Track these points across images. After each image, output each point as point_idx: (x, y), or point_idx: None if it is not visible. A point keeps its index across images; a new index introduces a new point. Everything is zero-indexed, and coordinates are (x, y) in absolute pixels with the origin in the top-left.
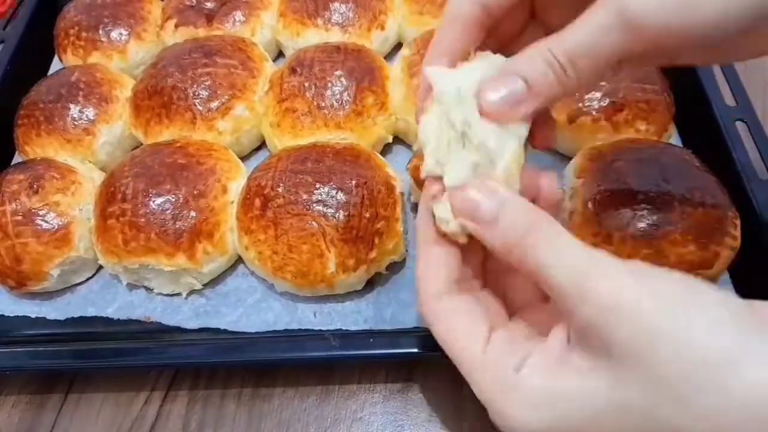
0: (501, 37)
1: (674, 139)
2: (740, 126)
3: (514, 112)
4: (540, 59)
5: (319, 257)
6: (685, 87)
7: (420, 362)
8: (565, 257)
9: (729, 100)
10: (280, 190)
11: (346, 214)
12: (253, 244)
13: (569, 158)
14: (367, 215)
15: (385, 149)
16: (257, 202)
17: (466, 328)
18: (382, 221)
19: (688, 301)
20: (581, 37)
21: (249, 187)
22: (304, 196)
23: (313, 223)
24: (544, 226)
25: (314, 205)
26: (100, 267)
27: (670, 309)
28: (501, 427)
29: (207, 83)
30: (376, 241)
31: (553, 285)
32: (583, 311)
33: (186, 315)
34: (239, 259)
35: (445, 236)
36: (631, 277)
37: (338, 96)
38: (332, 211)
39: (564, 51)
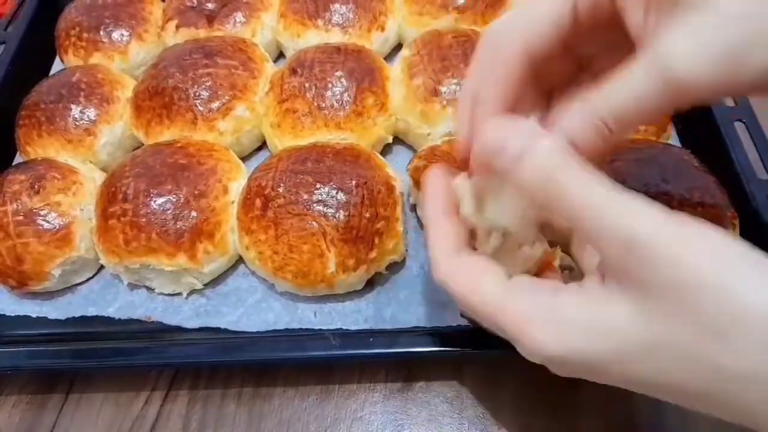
0: (545, 88)
1: (673, 139)
2: (739, 126)
3: None
4: (584, 119)
5: (319, 257)
6: None
7: (420, 362)
8: (599, 198)
9: (728, 100)
10: (280, 190)
11: (346, 214)
12: (254, 244)
13: None
14: (367, 215)
15: (385, 149)
16: (258, 202)
17: (488, 271)
18: (382, 221)
19: (726, 244)
20: (625, 97)
21: (249, 188)
22: (305, 196)
23: (314, 223)
24: (574, 166)
25: (314, 205)
26: (101, 267)
27: (712, 251)
28: (530, 356)
29: (208, 84)
30: (376, 241)
31: (589, 227)
32: (622, 251)
33: (187, 315)
34: (240, 259)
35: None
36: (669, 221)
37: (338, 96)
38: (332, 211)
39: (609, 111)
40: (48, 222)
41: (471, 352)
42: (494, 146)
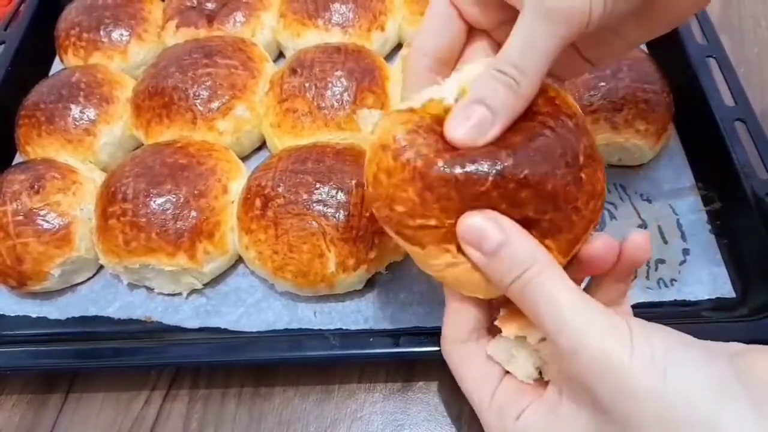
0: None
1: (673, 138)
2: (739, 126)
3: (484, 138)
4: (489, 79)
5: (319, 257)
6: (684, 87)
7: (420, 362)
8: (559, 308)
9: (728, 100)
10: (280, 190)
11: (346, 213)
12: (254, 244)
13: None
14: (367, 215)
15: None
16: (257, 202)
17: (477, 376)
18: None
19: (674, 360)
20: (516, 41)
21: (249, 187)
22: (305, 196)
23: (313, 222)
24: (544, 270)
25: (314, 204)
26: (101, 267)
27: (655, 369)
28: None
29: (207, 83)
30: (376, 240)
31: (547, 332)
32: (573, 365)
33: (186, 314)
34: (240, 259)
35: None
36: (619, 334)
37: (338, 96)
38: (332, 210)
39: (507, 62)
40: (48, 222)
41: None
42: (475, 232)
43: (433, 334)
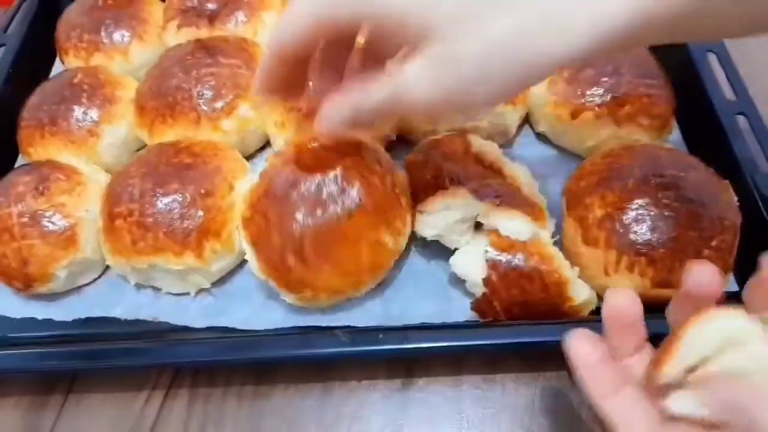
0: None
1: (675, 132)
2: (740, 119)
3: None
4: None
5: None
6: (685, 82)
7: (421, 360)
8: None
9: (729, 94)
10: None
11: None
12: None
13: (572, 153)
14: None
15: (388, 148)
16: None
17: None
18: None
19: None
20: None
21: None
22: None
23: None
24: None
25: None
26: (107, 268)
27: None
28: None
29: (211, 83)
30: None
31: None
32: None
33: (194, 314)
34: (246, 257)
35: None
36: None
37: None
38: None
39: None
40: (53, 223)
41: (478, 346)
42: None
43: (441, 330)
